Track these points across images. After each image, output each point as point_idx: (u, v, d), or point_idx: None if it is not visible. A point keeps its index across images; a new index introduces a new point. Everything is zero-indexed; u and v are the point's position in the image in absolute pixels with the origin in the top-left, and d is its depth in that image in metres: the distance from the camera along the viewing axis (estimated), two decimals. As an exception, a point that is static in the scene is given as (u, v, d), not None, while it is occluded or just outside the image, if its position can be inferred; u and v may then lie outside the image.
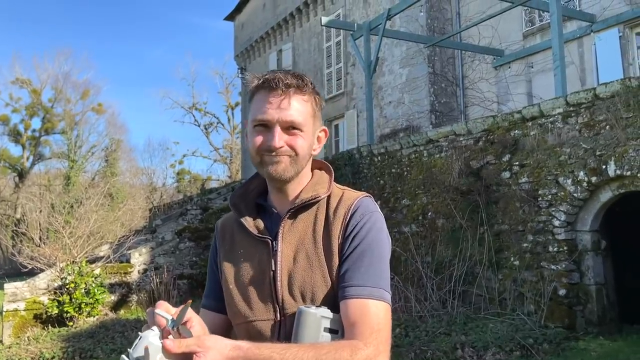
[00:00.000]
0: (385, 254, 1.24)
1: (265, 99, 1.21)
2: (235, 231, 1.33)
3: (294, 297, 1.21)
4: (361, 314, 1.13)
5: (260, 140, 1.22)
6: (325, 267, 1.21)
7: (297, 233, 1.25)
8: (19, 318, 8.19)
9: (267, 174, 1.24)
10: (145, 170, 42.58)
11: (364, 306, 1.14)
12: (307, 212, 1.27)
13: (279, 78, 1.21)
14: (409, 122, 14.45)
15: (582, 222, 6.31)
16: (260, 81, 1.23)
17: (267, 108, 1.21)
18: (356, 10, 16.49)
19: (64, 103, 36.98)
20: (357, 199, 1.27)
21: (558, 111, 6.59)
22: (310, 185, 1.29)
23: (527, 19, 12.67)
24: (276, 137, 1.20)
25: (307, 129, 1.24)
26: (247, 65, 23.11)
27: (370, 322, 1.12)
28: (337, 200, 1.27)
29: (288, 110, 1.20)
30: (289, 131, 1.22)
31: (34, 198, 31.51)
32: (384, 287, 1.19)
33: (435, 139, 8.44)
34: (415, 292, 7.31)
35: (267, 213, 1.31)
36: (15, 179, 37.69)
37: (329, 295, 1.20)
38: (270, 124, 1.21)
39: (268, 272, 1.24)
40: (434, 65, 14.10)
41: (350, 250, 1.20)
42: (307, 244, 1.24)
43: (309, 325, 1.12)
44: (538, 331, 5.91)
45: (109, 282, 8.99)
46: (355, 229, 1.21)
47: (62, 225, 8.97)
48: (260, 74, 1.26)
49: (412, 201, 8.58)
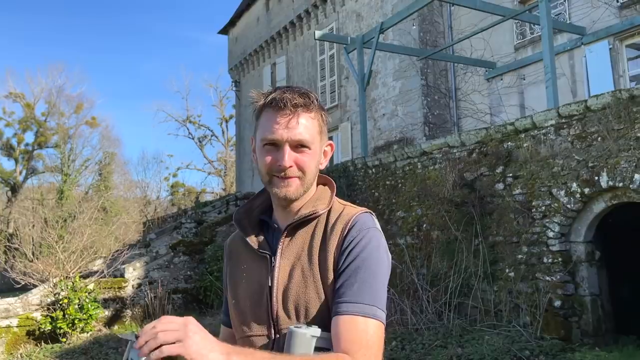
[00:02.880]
0: (381, 271, 1.22)
1: (273, 118, 1.22)
2: (240, 247, 1.35)
3: (288, 313, 1.21)
4: (350, 330, 1.12)
5: (269, 159, 1.23)
6: (320, 282, 1.21)
7: (295, 248, 1.26)
8: (11, 335, 8.09)
9: (276, 194, 1.25)
10: (139, 184, 42.44)
11: (354, 323, 1.13)
12: (306, 228, 1.28)
13: (287, 98, 1.21)
14: (402, 134, 14.52)
15: (576, 233, 6.34)
16: (268, 100, 1.24)
17: (276, 128, 1.21)
18: (349, 24, 16.61)
19: (58, 117, 36.90)
20: (356, 214, 1.26)
21: (550, 123, 6.64)
22: (311, 201, 1.30)
23: (519, 31, 12.81)
24: (286, 156, 1.21)
25: (315, 147, 1.25)
26: (241, 78, 23.19)
27: (359, 338, 1.11)
28: (336, 215, 1.27)
29: (296, 129, 1.21)
30: (298, 149, 1.23)
31: (26, 212, 31.32)
32: (377, 304, 1.17)
33: (429, 151, 8.47)
34: (411, 304, 7.30)
35: (270, 229, 1.33)
36: (7, 193, 37.44)
37: (323, 311, 1.19)
38: (280, 143, 1.22)
39: (265, 288, 1.25)
40: (426, 78, 14.21)
41: (345, 266, 1.19)
42: (303, 259, 1.24)
43: (299, 345, 1.12)
44: (534, 343, 5.91)
45: (102, 297, 8.91)
46: (351, 245, 1.21)
47: (56, 240, 8.91)
48: (267, 92, 1.27)
49: (407, 213, 8.59)
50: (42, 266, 8.70)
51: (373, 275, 1.19)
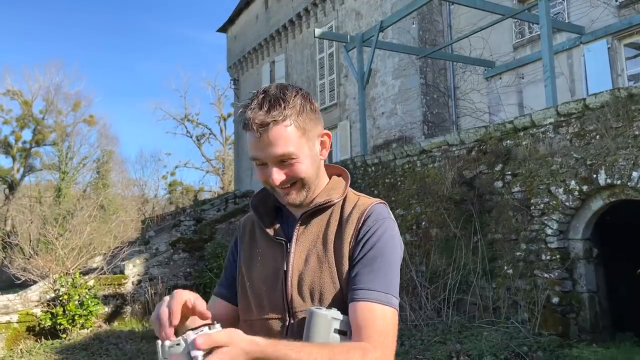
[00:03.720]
0: (396, 261, 1.26)
1: (250, 140, 1.23)
2: (255, 231, 1.39)
3: (303, 297, 1.24)
4: (369, 317, 1.16)
5: (262, 176, 1.27)
6: (335, 269, 1.24)
7: (310, 236, 1.30)
8: (11, 330, 8.11)
9: (284, 202, 1.30)
10: (137, 182, 42.38)
11: (372, 310, 1.16)
12: (320, 216, 1.31)
13: (252, 121, 1.19)
14: (401, 132, 14.56)
15: (574, 230, 6.39)
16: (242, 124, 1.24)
17: (255, 148, 1.23)
18: (348, 22, 16.64)
19: (55, 115, 36.81)
20: (371, 204, 1.30)
21: (549, 121, 6.69)
22: (325, 190, 1.33)
23: (517, 30, 12.86)
24: (273, 175, 1.23)
25: (301, 151, 1.24)
26: (240, 76, 23.21)
27: (378, 326, 1.15)
28: (351, 205, 1.30)
29: (273, 147, 1.20)
30: (284, 164, 1.23)
31: (24, 210, 31.29)
32: (392, 292, 1.21)
33: (429, 149, 8.52)
34: (409, 301, 7.34)
35: (284, 216, 1.37)
36: (5, 191, 37.37)
37: (337, 297, 1.23)
38: (263, 162, 1.24)
39: (280, 273, 1.28)
40: (426, 77, 14.25)
41: (362, 255, 1.23)
42: (318, 246, 1.27)
43: (320, 326, 1.15)
44: (532, 339, 5.96)
45: (102, 293, 8.94)
46: (368, 234, 1.24)
47: (56, 236, 8.93)
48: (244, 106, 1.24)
49: (406, 211, 8.64)
50: (42, 262, 8.72)
51: (389, 264, 1.23)
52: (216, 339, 0.92)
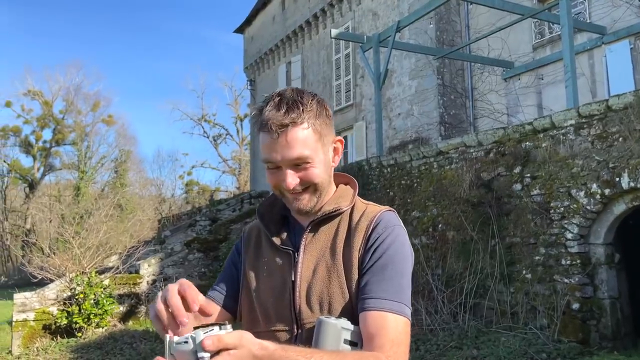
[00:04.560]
0: (407, 269, 1.23)
1: (265, 142, 1.20)
2: (262, 239, 1.36)
3: (312, 308, 1.21)
4: (380, 326, 1.13)
5: (274, 180, 1.23)
6: (344, 278, 1.21)
7: (319, 245, 1.27)
8: (28, 328, 8.18)
9: (292, 208, 1.26)
10: (154, 181, 42.80)
11: (384, 319, 1.14)
12: (328, 225, 1.28)
13: (272, 122, 1.17)
14: (418, 133, 14.44)
15: (596, 235, 6.23)
16: (258, 125, 1.21)
17: (270, 151, 1.20)
18: (365, 23, 16.56)
19: (75, 114, 37.32)
20: (380, 212, 1.27)
21: (570, 123, 6.55)
22: (333, 198, 1.30)
23: (537, 30, 12.66)
24: (288, 178, 1.20)
25: (316, 156, 1.22)
26: (257, 77, 23.25)
27: (390, 335, 1.12)
28: (360, 213, 1.28)
29: (289, 149, 1.18)
30: (299, 167, 1.21)
31: (44, 209, 31.72)
32: (404, 301, 1.18)
33: (446, 150, 8.40)
34: (425, 304, 7.24)
35: (290, 225, 1.34)
36: (25, 189, 37.95)
37: (347, 307, 1.20)
38: (278, 164, 1.21)
39: (288, 283, 1.25)
40: (443, 77, 14.11)
41: (372, 263, 1.20)
42: (327, 255, 1.25)
43: (329, 335, 1.12)
44: (551, 346, 5.82)
45: (117, 292, 8.97)
46: (377, 242, 1.22)
47: (72, 235, 8.98)
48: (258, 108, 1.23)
49: (423, 213, 8.53)
50: (59, 261, 8.78)
51: (400, 272, 1.21)
52: (225, 341, 0.89)
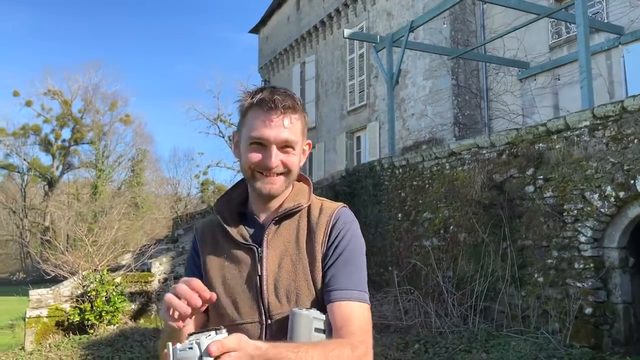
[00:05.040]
0: (364, 260, 1.35)
1: (261, 118, 1.26)
2: (218, 236, 1.37)
3: (280, 300, 1.28)
4: (350, 315, 1.23)
5: (256, 157, 1.28)
6: (309, 271, 1.29)
7: (281, 240, 1.32)
8: (41, 325, 8.28)
9: (258, 190, 1.31)
10: (170, 181, 43.15)
11: (351, 308, 1.24)
12: (289, 221, 1.35)
13: (277, 99, 1.25)
14: (431, 134, 14.33)
15: (610, 238, 6.11)
16: (257, 99, 1.27)
17: (265, 128, 1.26)
18: (379, 23, 16.49)
19: (93, 114, 37.78)
20: (337, 209, 1.36)
21: (584, 124, 6.43)
22: (292, 195, 1.37)
23: (554, 30, 12.49)
24: (273, 156, 1.27)
25: (298, 147, 1.31)
26: (271, 77, 23.29)
27: (360, 322, 1.24)
28: (317, 210, 1.36)
29: (284, 130, 1.27)
30: (283, 149, 1.28)
31: (62, 206, 32.14)
32: (365, 290, 1.30)
33: (458, 151, 8.32)
34: (435, 307, 7.17)
35: (248, 220, 1.37)
36: (45, 187, 38.51)
37: (312, 299, 1.28)
38: (267, 142, 1.27)
39: (254, 277, 1.30)
40: (457, 78, 13.99)
41: (335, 257, 1.29)
42: (291, 250, 1.31)
43: (302, 325, 1.20)
44: (563, 350, 5.72)
45: (129, 290, 9.03)
46: (338, 238, 1.31)
47: (85, 233, 9.07)
48: (253, 91, 1.31)
49: (434, 214, 8.45)
50: (72, 259, 8.88)
51: (359, 264, 1.32)
52: (227, 345, 0.96)
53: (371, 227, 9.86)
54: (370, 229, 9.86)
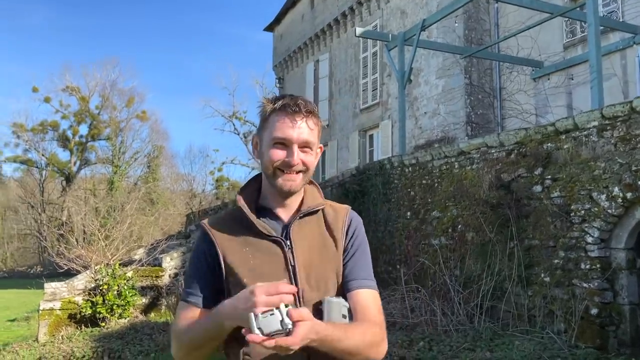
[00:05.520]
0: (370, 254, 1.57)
1: (285, 121, 1.41)
2: (238, 230, 1.46)
3: (312, 288, 1.42)
4: (370, 301, 1.45)
5: (279, 156, 1.41)
6: (334, 263, 1.47)
7: (306, 235, 1.47)
8: (54, 317, 8.45)
9: (279, 186, 1.44)
10: (185, 177, 43.50)
11: (370, 295, 1.47)
12: (310, 218, 1.50)
13: (301, 103, 1.42)
14: (444, 133, 14.30)
15: (617, 239, 6.08)
16: (280, 104, 1.42)
17: (288, 129, 1.40)
18: (393, 21, 16.47)
19: (110, 110, 38.24)
20: (349, 210, 1.57)
21: (593, 124, 6.39)
22: (310, 196, 1.53)
23: (568, 29, 12.38)
24: (295, 154, 1.41)
25: (315, 148, 1.47)
26: (285, 75, 23.38)
27: (377, 306, 1.47)
28: (331, 209, 1.55)
29: (305, 131, 1.42)
30: (303, 149, 1.43)
31: (79, 201, 32.60)
32: (374, 279, 1.53)
33: (467, 150, 8.31)
34: (441, 305, 7.18)
35: (267, 215, 1.49)
36: (62, 182, 39.08)
37: (336, 286, 1.47)
38: (290, 142, 1.41)
39: (287, 267, 1.43)
40: (470, 77, 13.93)
41: (353, 252, 1.50)
42: (316, 244, 1.47)
43: (335, 311, 1.38)
44: (567, 351, 5.71)
45: (140, 285, 9.18)
46: (354, 235, 1.53)
47: (98, 228, 9.24)
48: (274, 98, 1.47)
49: (442, 213, 8.46)
50: (85, 253, 9.05)
51: (369, 258, 1.55)
52: (303, 314, 1.18)
53: (380, 225, 9.89)
54: (379, 227, 9.89)
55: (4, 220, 42.36)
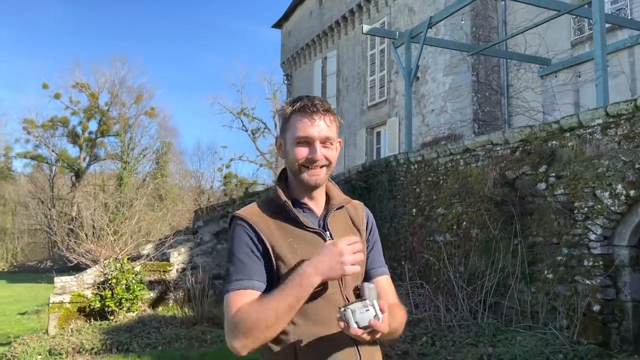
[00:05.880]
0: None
1: (305, 120, 1.51)
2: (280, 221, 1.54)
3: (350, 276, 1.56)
4: (390, 285, 1.71)
5: (303, 152, 1.52)
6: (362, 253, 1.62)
7: (339, 227, 1.61)
8: (64, 310, 8.60)
9: (306, 181, 1.55)
10: (193, 173, 43.72)
11: (388, 279, 1.72)
12: (339, 212, 1.64)
13: (318, 104, 1.53)
14: (451, 130, 14.32)
15: (620, 236, 6.10)
16: (299, 106, 1.53)
17: (309, 128, 1.51)
18: (401, 18, 16.48)
19: (119, 107, 38.46)
20: (364, 206, 1.76)
21: (597, 122, 6.41)
22: (335, 191, 1.67)
23: (576, 27, 12.35)
24: (318, 150, 1.51)
25: (335, 143, 1.57)
26: (293, 72, 23.44)
27: (394, 290, 1.72)
28: (350, 205, 1.70)
29: (325, 128, 1.53)
30: (325, 145, 1.53)
31: (89, 197, 32.87)
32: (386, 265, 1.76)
33: (472, 147, 8.34)
34: (445, 301, 7.24)
35: (300, 208, 1.59)
36: (72, 178, 39.40)
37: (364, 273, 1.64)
38: (312, 140, 1.51)
39: None
40: (477, 74, 13.93)
41: (373, 243, 1.72)
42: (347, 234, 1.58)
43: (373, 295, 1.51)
44: (569, 347, 5.75)
45: (148, 279, 9.30)
46: (373, 228, 1.73)
47: (107, 223, 9.37)
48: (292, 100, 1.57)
49: (447, 210, 8.51)
50: (94, 247, 9.19)
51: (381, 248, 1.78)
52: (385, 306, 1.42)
53: (386, 222, 9.95)
54: (385, 223, 9.95)
55: (15, 215, 42.82)
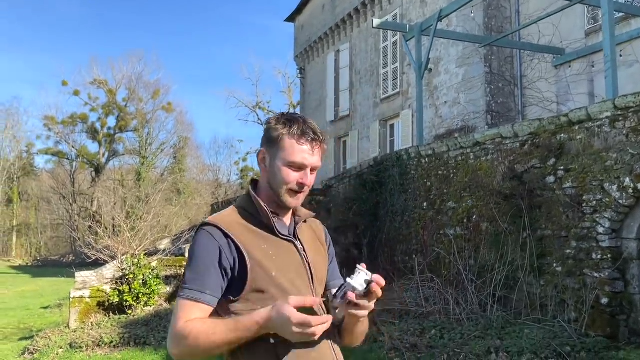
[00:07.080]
0: None
1: (302, 147, 1.54)
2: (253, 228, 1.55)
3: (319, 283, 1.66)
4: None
5: (293, 177, 1.55)
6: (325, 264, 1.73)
7: (307, 238, 1.68)
8: (84, 304, 8.85)
9: (287, 203, 1.59)
10: (211, 167, 44.14)
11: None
12: (303, 224, 1.70)
13: (317, 132, 1.57)
14: (464, 122, 14.28)
15: (628, 229, 6.10)
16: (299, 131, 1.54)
17: (306, 155, 1.55)
18: (413, 11, 16.42)
19: (137, 102, 38.95)
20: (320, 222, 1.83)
21: (606, 115, 6.40)
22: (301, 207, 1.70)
23: (590, 16, 12.20)
24: (309, 177, 1.58)
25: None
26: (306, 65, 23.49)
27: None
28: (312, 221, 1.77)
29: (317, 158, 1.59)
30: (312, 172, 1.59)
31: (108, 192, 33.40)
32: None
33: (482, 141, 8.36)
34: (455, 294, 7.32)
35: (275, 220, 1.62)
36: (92, 173, 40.08)
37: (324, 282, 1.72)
38: (305, 167, 1.56)
39: (304, 263, 1.62)
40: (490, 65, 13.85)
41: (332, 257, 1.80)
42: (314, 247, 1.69)
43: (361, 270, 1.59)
44: (577, 339, 5.79)
45: (164, 274, 9.51)
46: (330, 243, 1.81)
47: (124, 219, 9.60)
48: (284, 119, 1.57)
49: (458, 204, 8.55)
50: (111, 243, 9.42)
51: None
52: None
53: (397, 216, 10.02)
54: (396, 217, 10.03)
55: (38, 210, 43.75)
